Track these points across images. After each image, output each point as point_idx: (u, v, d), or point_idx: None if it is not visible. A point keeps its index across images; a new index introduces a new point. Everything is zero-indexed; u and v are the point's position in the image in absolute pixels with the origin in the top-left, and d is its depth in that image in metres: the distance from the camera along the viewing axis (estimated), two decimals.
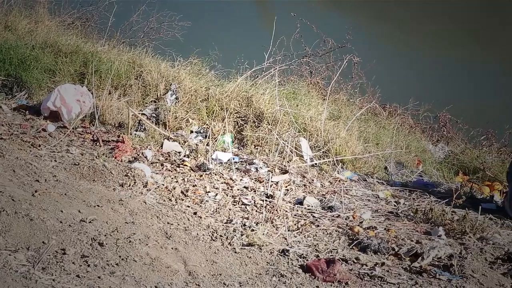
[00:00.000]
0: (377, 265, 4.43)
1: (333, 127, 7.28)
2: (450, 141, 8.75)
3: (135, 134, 6.73)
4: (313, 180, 6.25)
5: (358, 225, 5.21)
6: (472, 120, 9.02)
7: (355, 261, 4.49)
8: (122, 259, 3.77)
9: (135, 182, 5.46)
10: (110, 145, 6.31)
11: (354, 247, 4.79)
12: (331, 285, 4.10)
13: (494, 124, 8.83)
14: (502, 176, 6.91)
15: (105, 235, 3.98)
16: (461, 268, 4.43)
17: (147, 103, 7.38)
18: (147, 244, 4.05)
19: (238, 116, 7.29)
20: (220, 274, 4.07)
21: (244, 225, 4.96)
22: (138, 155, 6.21)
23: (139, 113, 7.00)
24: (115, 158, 6.01)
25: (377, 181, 6.53)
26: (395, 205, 5.87)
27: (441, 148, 8.41)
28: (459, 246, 4.83)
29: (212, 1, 14.28)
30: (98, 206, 4.58)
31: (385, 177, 6.81)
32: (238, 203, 5.47)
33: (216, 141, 6.76)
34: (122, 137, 6.45)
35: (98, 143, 6.33)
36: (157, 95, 7.45)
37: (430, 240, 4.94)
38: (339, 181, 6.35)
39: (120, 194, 5.14)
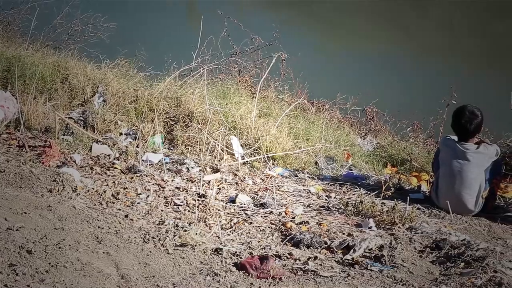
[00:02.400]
0: (310, 259, 4.47)
1: (263, 125, 7.31)
2: (378, 134, 8.91)
3: (63, 138, 6.61)
4: (245, 178, 6.27)
5: (291, 221, 5.25)
6: (398, 113, 9.21)
7: (288, 256, 4.52)
8: (52, 266, 3.69)
9: (64, 187, 5.35)
10: (37, 151, 6.17)
11: (287, 242, 4.83)
12: (265, 282, 4.12)
13: (419, 115, 9.03)
14: (429, 167, 7.08)
15: (34, 243, 3.89)
16: (392, 258, 4.51)
17: (74, 106, 7.26)
18: (77, 250, 3.98)
19: (167, 116, 7.25)
20: (153, 276, 4.04)
21: (177, 225, 4.92)
22: (67, 159, 6.10)
23: (66, 117, 6.87)
24: (43, 163, 5.88)
25: (308, 176, 6.60)
26: (326, 199, 5.94)
27: (370, 141, 8.56)
28: (389, 237, 4.92)
29: (138, 1, 14.16)
30: (25, 213, 4.47)
31: (315, 172, 6.89)
32: (170, 204, 5.44)
33: (146, 142, 6.71)
34: (49, 142, 6.31)
35: (24, 149, 6.18)
36: (84, 98, 7.34)
37: (361, 232, 5.02)
38: (271, 177, 6.38)
39: (48, 200, 5.02)
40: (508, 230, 5.55)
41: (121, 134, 6.96)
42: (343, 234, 4.99)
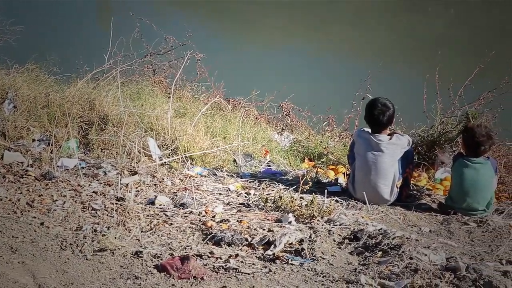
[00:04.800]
0: (231, 257, 4.48)
1: (179, 124, 7.27)
2: (295, 129, 8.99)
3: None
4: (163, 179, 6.21)
5: (211, 220, 5.24)
6: (314, 107, 9.33)
7: (210, 255, 4.51)
8: None
9: None
10: None
11: (208, 241, 4.82)
12: (186, 282, 4.10)
13: (334, 109, 9.18)
14: (345, 159, 7.21)
15: None
16: (312, 251, 4.58)
17: None
18: None
19: (81, 120, 7.12)
20: (72, 283, 3.96)
21: (95, 230, 4.83)
22: None
23: None
24: None
25: (227, 174, 6.61)
26: (245, 196, 5.96)
27: (286, 136, 8.64)
28: (309, 230, 4.98)
29: (46, 2, 13.84)
30: None
31: (234, 170, 6.91)
32: (88, 209, 5.33)
33: (60, 147, 6.56)
34: None
35: None
36: None
37: (281, 227, 5.06)
38: (190, 177, 6.36)
39: None
40: (423, 218, 5.73)
41: (34, 140, 6.79)
42: (264, 230, 5.02)
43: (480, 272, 4.15)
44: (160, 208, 5.45)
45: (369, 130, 6.07)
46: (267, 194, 5.90)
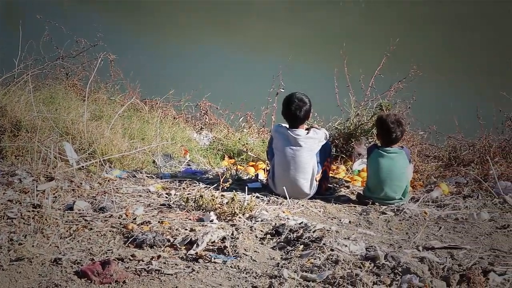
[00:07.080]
0: (154, 259, 4.44)
1: (96, 127, 7.16)
2: (213, 127, 9.01)
3: None
4: (81, 184, 6.10)
5: (132, 222, 5.18)
6: (231, 105, 9.36)
7: (131, 258, 4.45)
8: None
9: None
10: None
11: (129, 244, 4.75)
12: (108, 287, 4.04)
13: (251, 106, 9.23)
14: (264, 156, 7.27)
15: None
16: (235, 249, 4.59)
17: None
18: None
19: None
20: None
21: (11, 239, 4.69)
22: None
23: None
24: None
25: (146, 176, 6.55)
26: (166, 197, 5.92)
27: (206, 135, 8.64)
28: (231, 228, 4.99)
29: None
30: None
31: (154, 171, 6.85)
32: (3, 218, 5.17)
33: None
34: None
35: None
36: None
37: (203, 226, 5.05)
38: (109, 180, 6.26)
39: None
40: (342, 209, 5.85)
41: None
42: (186, 230, 4.99)
43: (398, 259, 4.26)
44: (79, 213, 5.35)
45: (287, 125, 6.13)
46: (188, 194, 5.87)
